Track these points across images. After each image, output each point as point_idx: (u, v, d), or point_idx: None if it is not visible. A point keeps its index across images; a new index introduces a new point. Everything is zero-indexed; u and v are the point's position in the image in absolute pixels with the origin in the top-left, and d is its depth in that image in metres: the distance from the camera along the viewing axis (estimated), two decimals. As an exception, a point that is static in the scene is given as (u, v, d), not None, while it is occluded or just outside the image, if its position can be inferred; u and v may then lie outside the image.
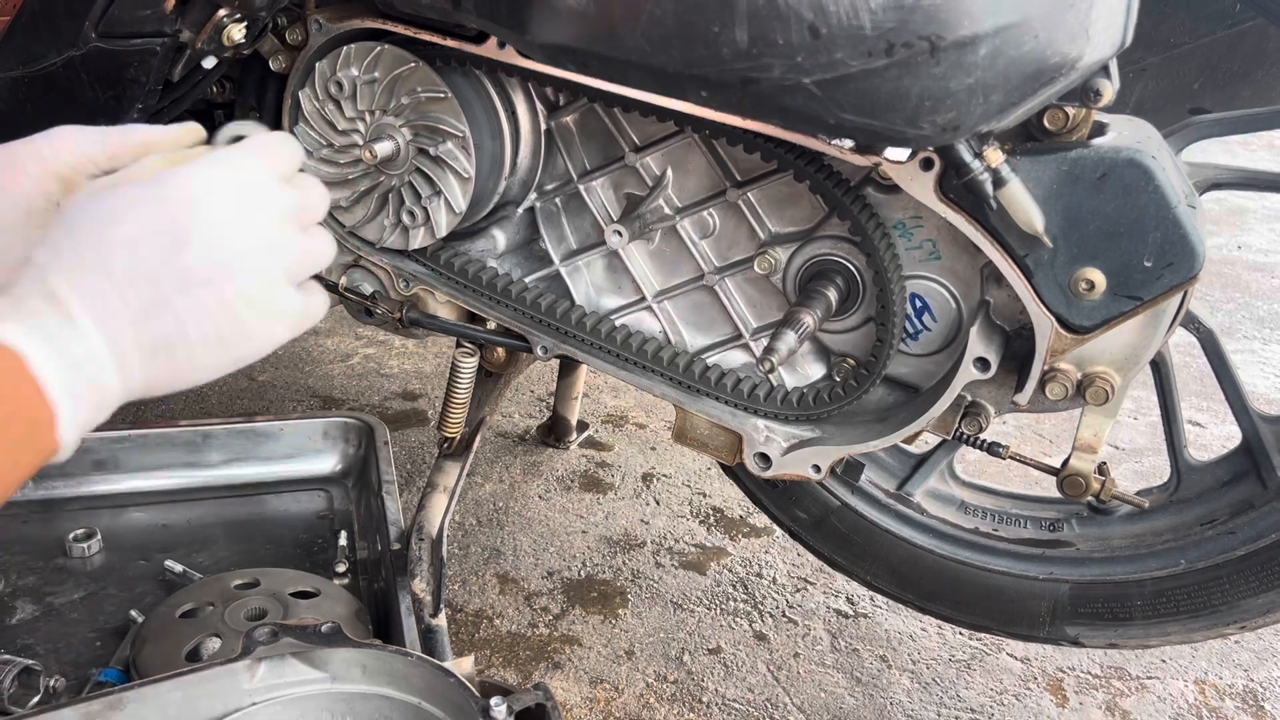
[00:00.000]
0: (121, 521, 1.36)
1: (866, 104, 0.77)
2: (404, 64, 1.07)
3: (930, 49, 0.73)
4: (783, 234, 1.08)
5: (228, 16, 1.03)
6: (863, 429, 1.07)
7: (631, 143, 1.12)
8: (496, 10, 0.90)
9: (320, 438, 1.48)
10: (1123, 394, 0.97)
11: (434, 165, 1.08)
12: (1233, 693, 1.50)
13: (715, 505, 1.86)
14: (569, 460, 1.98)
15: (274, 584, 1.19)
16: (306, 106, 1.13)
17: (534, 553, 1.71)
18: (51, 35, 1.05)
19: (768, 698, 1.45)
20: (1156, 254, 0.88)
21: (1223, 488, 1.18)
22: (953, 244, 1.00)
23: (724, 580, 1.67)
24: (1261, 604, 1.12)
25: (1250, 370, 2.50)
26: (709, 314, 1.15)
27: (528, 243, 1.23)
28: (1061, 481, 1.05)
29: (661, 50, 0.81)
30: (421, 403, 2.15)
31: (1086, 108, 0.87)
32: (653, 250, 1.15)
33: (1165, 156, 0.90)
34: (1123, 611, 1.19)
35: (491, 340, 1.19)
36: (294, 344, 2.35)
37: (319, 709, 0.91)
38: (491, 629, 1.54)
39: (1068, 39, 0.77)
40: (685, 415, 1.12)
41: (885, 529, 1.28)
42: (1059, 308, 0.92)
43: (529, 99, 1.13)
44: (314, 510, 1.42)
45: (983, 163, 0.86)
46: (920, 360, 1.08)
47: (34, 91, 1.10)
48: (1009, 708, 1.45)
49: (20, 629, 1.16)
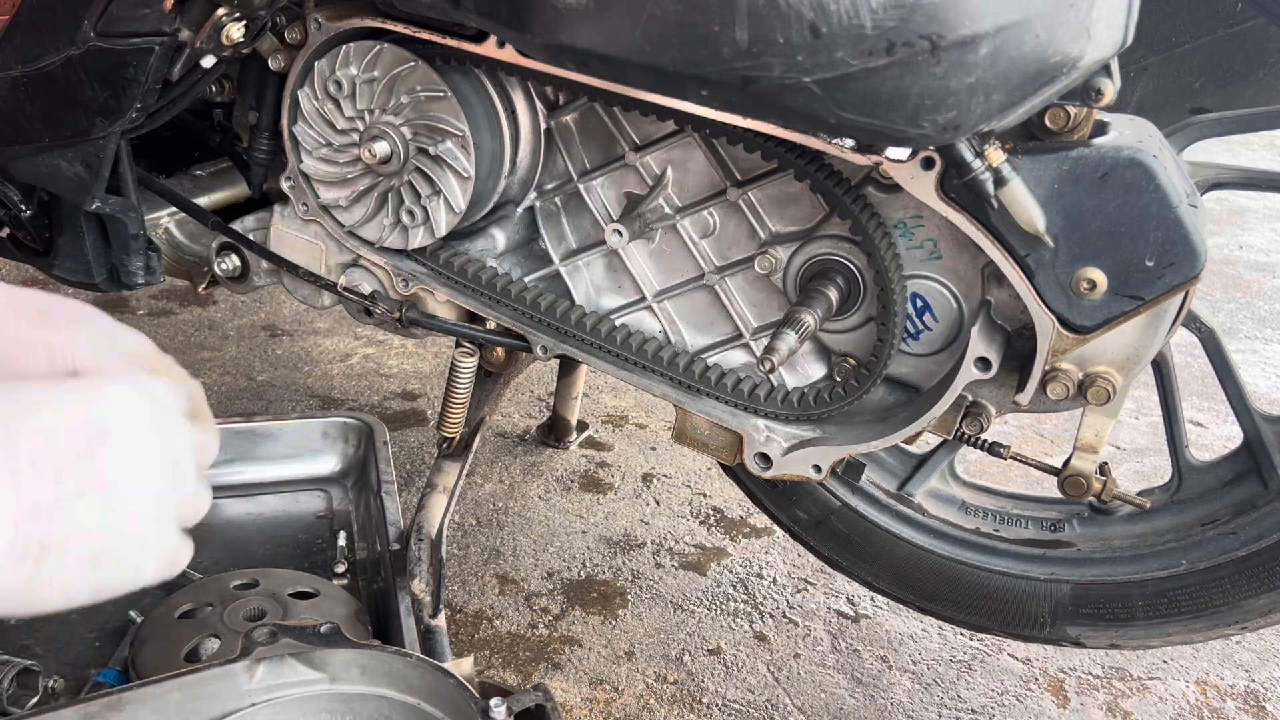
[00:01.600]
0: (121, 522, 1.36)
1: (867, 103, 0.77)
2: (403, 63, 1.06)
3: (931, 48, 0.73)
4: (783, 233, 1.08)
5: (227, 15, 1.02)
6: (863, 429, 1.07)
7: (631, 142, 1.11)
8: (496, 9, 0.90)
9: (319, 438, 1.48)
10: (1124, 394, 0.97)
11: (433, 164, 1.08)
12: (1234, 693, 1.50)
13: (715, 505, 1.86)
14: (569, 460, 1.98)
15: (273, 584, 1.18)
16: (305, 106, 1.13)
17: (534, 553, 1.71)
18: (51, 34, 1.05)
19: (768, 698, 1.44)
20: (1158, 254, 0.87)
21: (1224, 488, 1.18)
22: (954, 243, 1.00)
23: (724, 581, 1.67)
24: (1263, 604, 1.12)
25: (1252, 370, 2.50)
26: (709, 314, 1.15)
27: (527, 242, 1.22)
28: (1063, 482, 1.05)
29: (661, 49, 0.80)
30: (421, 403, 2.15)
31: (1088, 107, 0.87)
32: (653, 250, 1.15)
33: (1167, 156, 0.90)
34: (1124, 612, 1.18)
35: (491, 340, 1.19)
36: (293, 344, 2.35)
37: (318, 710, 0.90)
38: (491, 630, 1.53)
39: (1069, 38, 0.77)
40: (685, 415, 1.12)
41: (886, 529, 1.28)
42: (1060, 307, 0.92)
43: (529, 98, 1.13)
44: (313, 510, 1.42)
45: (984, 162, 0.85)
46: (921, 360, 1.07)
47: (33, 91, 1.10)
48: (1010, 708, 1.45)
49: (19, 629, 1.16)
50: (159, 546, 0.68)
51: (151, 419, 0.67)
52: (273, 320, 2.46)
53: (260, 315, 2.48)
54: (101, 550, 0.64)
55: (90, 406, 0.64)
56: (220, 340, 2.36)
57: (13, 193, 1.21)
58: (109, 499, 0.63)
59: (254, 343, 2.36)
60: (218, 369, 2.22)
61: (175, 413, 0.70)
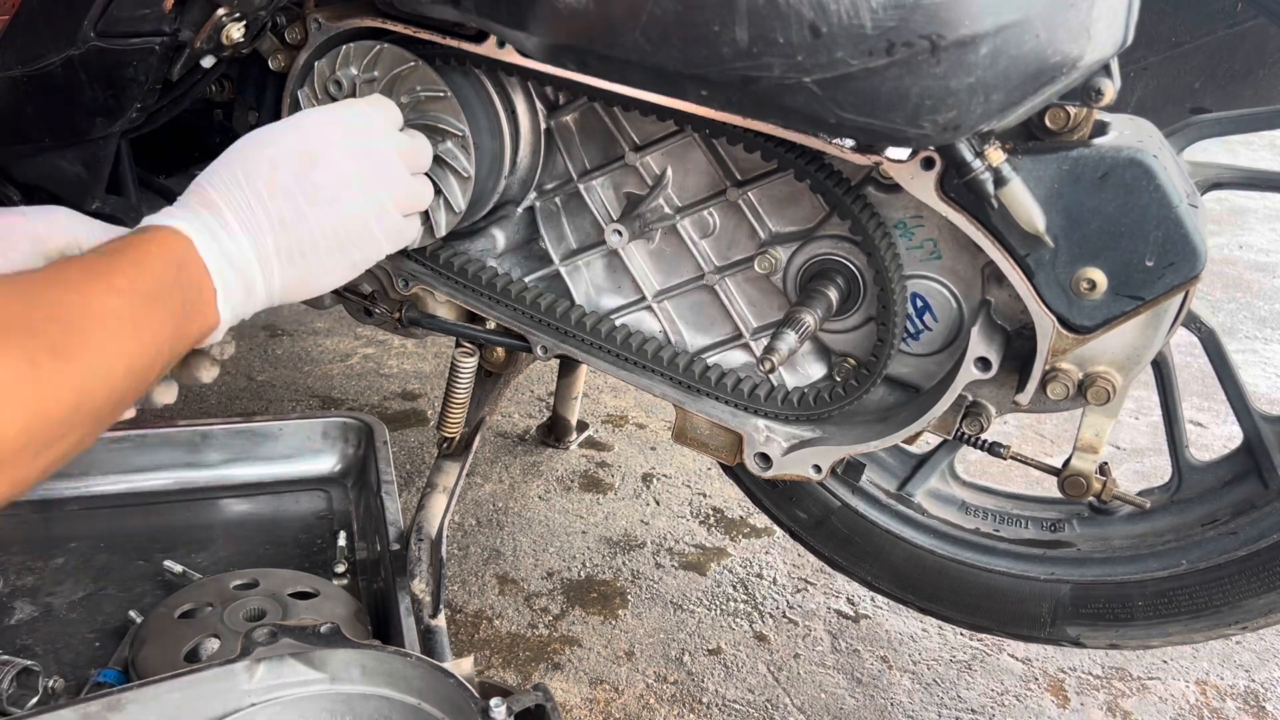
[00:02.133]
0: (121, 521, 1.36)
1: (867, 103, 0.77)
2: (403, 63, 1.06)
3: (931, 48, 0.73)
4: (783, 233, 1.08)
5: (227, 16, 1.02)
6: (863, 429, 1.07)
7: (631, 142, 1.11)
8: (496, 9, 0.90)
9: (319, 438, 1.48)
10: (1124, 394, 0.97)
11: (433, 164, 1.08)
12: (1234, 693, 1.50)
13: (715, 505, 1.86)
14: (569, 460, 1.98)
15: (273, 584, 1.18)
16: (305, 106, 1.13)
17: (534, 553, 1.71)
18: (51, 34, 1.05)
19: (768, 698, 1.44)
20: (1158, 253, 0.87)
21: (1224, 488, 1.18)
22: (954, 243, 1.00)
23: (724, 581, 1.67)
24: (1263, 604, 1.12)
25: (1252, 370, 2.50)
26: (709, 314, 1.15)
27: (527, 242, 1.22)
28: (1063, 482, 1.05)
29: (661, 49, 0.80)
30: (421, 403, 2.15)
31: (1088, 107, 0.87)
32: (653, 250, 1.15)
33: (1167, 156, 0.90)
34: (1124, 612, 1.18)
35: (491, 340, 1.19)
36: (293, 344, 2.35)
37: (318, 710, 0.90)
38: (491, 629, 1.53)
39: (1069, 38, 0.77)
40: (685, 415, 1.12)
41: (886, 529, 1.28)
42: (1060, 307, 0.92)
43: (529, 98, 1.13)
44: (313, 510, 1.42)
45: (984, 162, 0.85)
46: (921, 360, 1.07)
47: (33, 91, 1.09)
48: (1010, 708, 1.45)
49: (19, 629, 1.16)
50: (386, 228, 0.91)
51: (351, 136, 0.89)
52: (273, 320, 2.46)
53: (260, 315, 2.47)
54: (343, 239, 0.87)
55: (297, 137, 0.86)
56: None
57: (13, 193, 1.21)
58: (333, 202, 0.85)
59: (254, 343, 2.36)
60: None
61: (378, 128, 0.93)
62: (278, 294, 0.86)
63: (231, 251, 0.81)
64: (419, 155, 0.98)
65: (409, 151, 0.95)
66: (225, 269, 0.80)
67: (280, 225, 0.83)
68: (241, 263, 0.81)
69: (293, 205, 0.83)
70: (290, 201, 0.83)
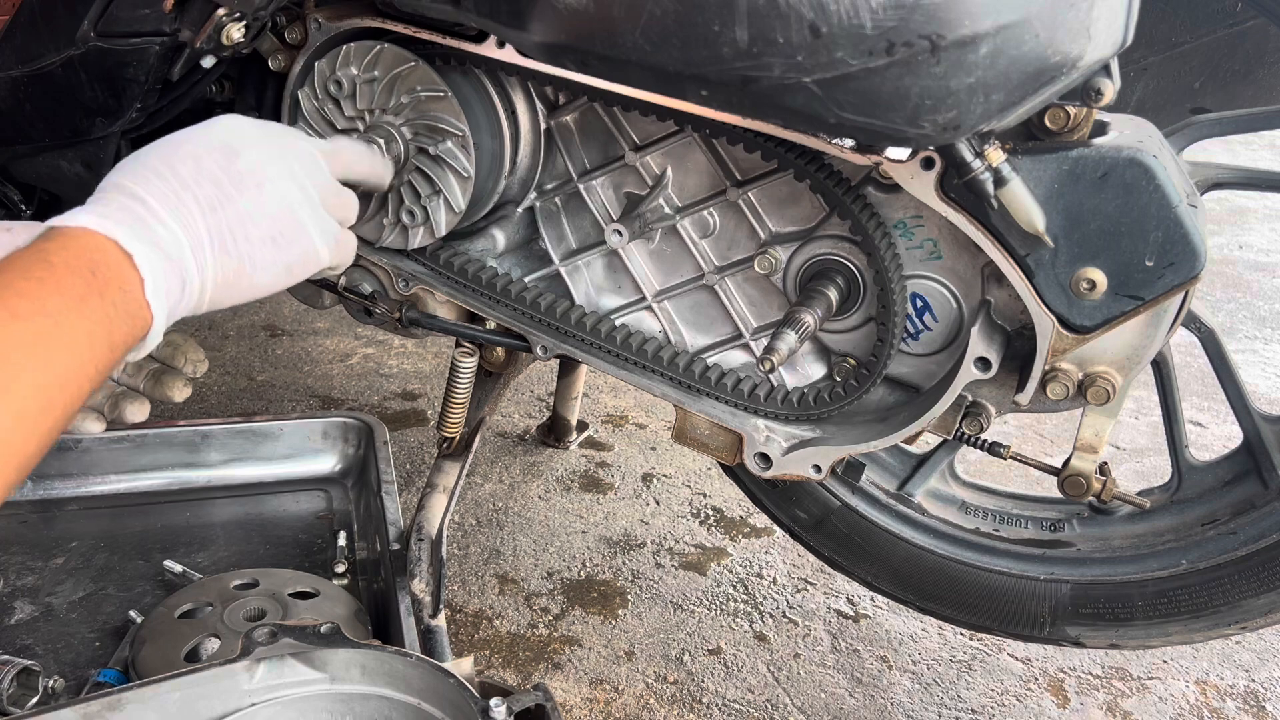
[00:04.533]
0: (121, 521, 1.36)
1: (867, 103, 0.77)
2: (403, 63, 1.06)
3: (931, 48, 0.73)
4: (783, 233, 1.08)
5: (227, 16, 1.02)
6: (863, 429, 1.07)
7: (631, 142, 1.11)
8: (496, 9, 0.90)
9: (319, 438, 1.48)
10: (1124, 394, 0.97)
11: (433, 164, 1.08)
12: (1234, 693, 1.50)
13: (715, 505, 1.86)
14: (569, 460, 1.98)
15: (273, 584, 1.18)
16: (306, 105, 1.13)
17: (534, 553, 1.71)
18: (51, 34, 1.05)
19: (768, 698, 1.44)
20: (1158, 253, 0.87)
21: (1224, 488, 1.18)
22: (954, 243, 1.00)
23: (724, 580, 1.67)
24: (1263, 604, 1.12)
25: (1251, 370, 2.50)
26: (709, 314, 1.15)
27: (527, 242, 1.22)
28: (1062, 482, 1.05)
29: (661, 49, 0.80)
30: (421, 403, 2.15)
31: (1088, 107, 0.87)
32: (653, 250, 1.15)
33: (1166, 156, 0.90)
34: (1124, 612, 1.18)
35: (491, 340, 1.19)
36: (293, 344, 2.35)
37: (318, 710, 0.90)
38: (491, 629, 1.53)
39: (1069, 38, 0.77)
40: (685, 415, 1.12)
41: (886, 529, 1.28)
42: (1060, 307, 0.92)
43: (529, 98, 1.13)
44: (313, 510, 1.42)
45: (984, 162, 0.85)
46: (921, 360, 1.07)
47: (33, 91, 1.10)
48: (1010, 708, 1.45)
49: (19, 629, 1.16)
50: (321, 229, 0.88)
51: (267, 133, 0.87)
52: (273, 320, 2.46)
53: (260, 315, 2.48)
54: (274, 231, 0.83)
55: (214, 133, 0.84)
56: (220, 340, 2.36)
57: (13, 193, 1.22)
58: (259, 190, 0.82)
59: (254, 342, 2.36)
60: (218, 369, 2.22)
61: (294, 132, 0.91)
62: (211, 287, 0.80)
63: (161, 237, 0.76)
64: (340, 156, 0.95)
65: (330, 152, 0.93)
66: (154, 258, 0.74)
67: (209, 208, 0.79)
68: (173, 248, 0.76)
69: (220, 190, 0.80)
70: (217, 187, 0.80)
